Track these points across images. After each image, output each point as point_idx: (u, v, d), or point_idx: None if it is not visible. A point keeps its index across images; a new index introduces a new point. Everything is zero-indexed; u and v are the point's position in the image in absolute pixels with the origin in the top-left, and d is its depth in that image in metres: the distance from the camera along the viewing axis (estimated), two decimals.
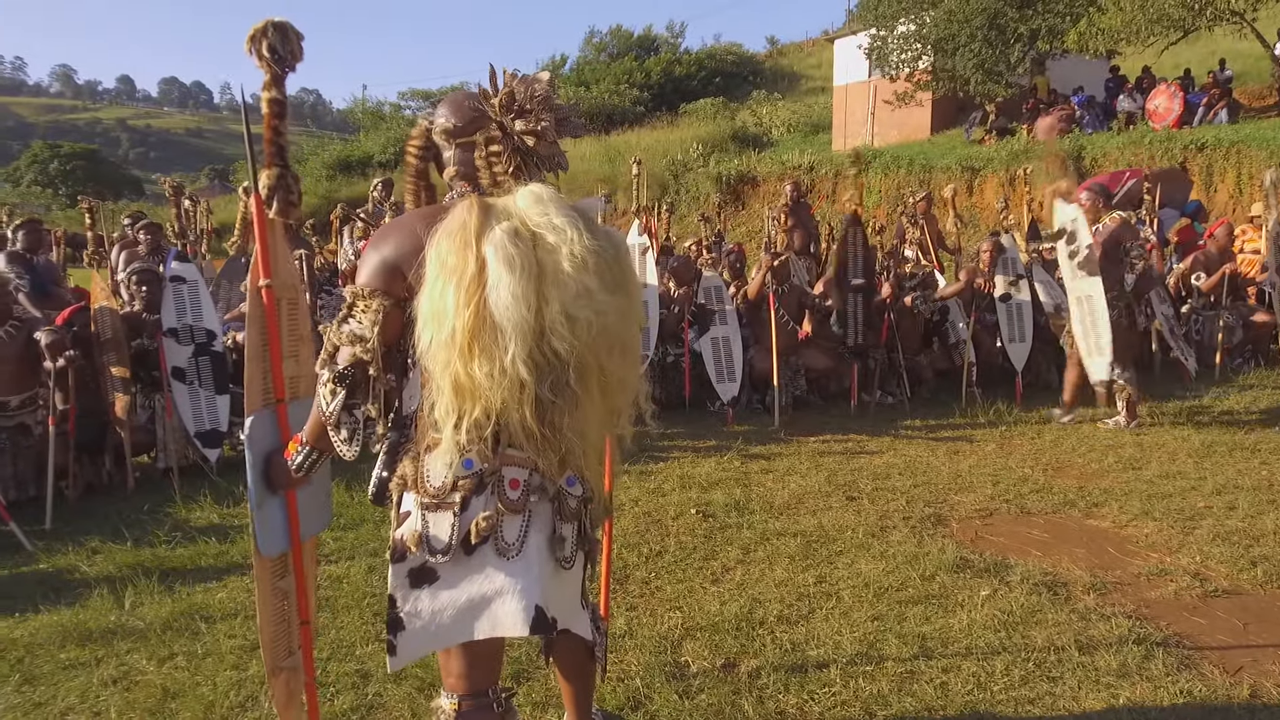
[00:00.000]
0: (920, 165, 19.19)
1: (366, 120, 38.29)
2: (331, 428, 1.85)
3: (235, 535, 4.50)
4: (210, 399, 5.52)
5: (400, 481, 1.87)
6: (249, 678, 3.10)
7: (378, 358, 1.81)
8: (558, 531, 1.90)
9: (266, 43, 2.05)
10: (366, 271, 1.83)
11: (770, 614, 3.45)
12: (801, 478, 5.22)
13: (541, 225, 1.74)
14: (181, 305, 5.50)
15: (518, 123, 1.83)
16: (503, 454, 1.82)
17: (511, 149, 1.84)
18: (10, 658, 3.32)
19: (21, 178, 45.16)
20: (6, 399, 5.06)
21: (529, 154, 1.85)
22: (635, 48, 40.69)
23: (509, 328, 1.67)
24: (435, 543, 1.81)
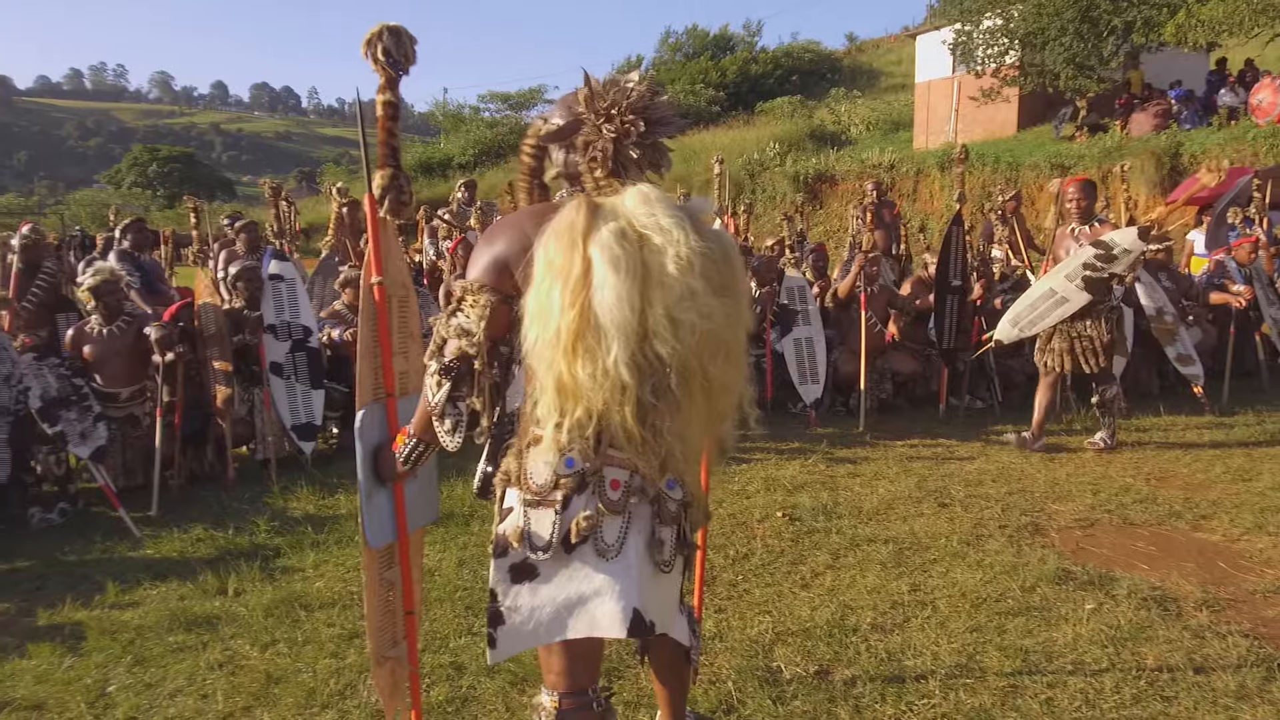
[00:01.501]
0: (1007, 163, 18.66)
1: (447, 123, 39.02)
2: (436, 418, 1.88)
3: (331, 526, 4.63)
4: (305, 393, 5.69)
5: (504, 477, 1.89)
6: (347, 666, 3.18)
7: (483, 352, 1.83)
8: (656, 534, 1.89)
9: (381, 46, 2.08)
10: (477, 267, 1.85)
11: (863, 621, 3.38)
12: (890, 483, 5.11)
13: (648, 226, 1.73)
14: (280, 302, 5.68)
15: (606, 126, 1.82)
16: (604, 454, 1.81)
17: (604, 152, 1.83)
18: (122, 639, 3.47)
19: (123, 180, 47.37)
20: (117, 391, 5.30)
21: (623, 156, 1.84)
22: (711, 47, 40.61)
23: (612, 329, 1.66)
24: (536, 539, 1.81)
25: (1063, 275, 5.55)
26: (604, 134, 1.80)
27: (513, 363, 1.90)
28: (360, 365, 2.22)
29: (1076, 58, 18.47)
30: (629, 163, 1.82)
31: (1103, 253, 5.36)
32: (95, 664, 3.27)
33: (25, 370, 4.90)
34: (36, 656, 3.35)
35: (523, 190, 2.07)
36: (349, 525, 4.61)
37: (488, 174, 28.16)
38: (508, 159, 31.64)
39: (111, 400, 5.26)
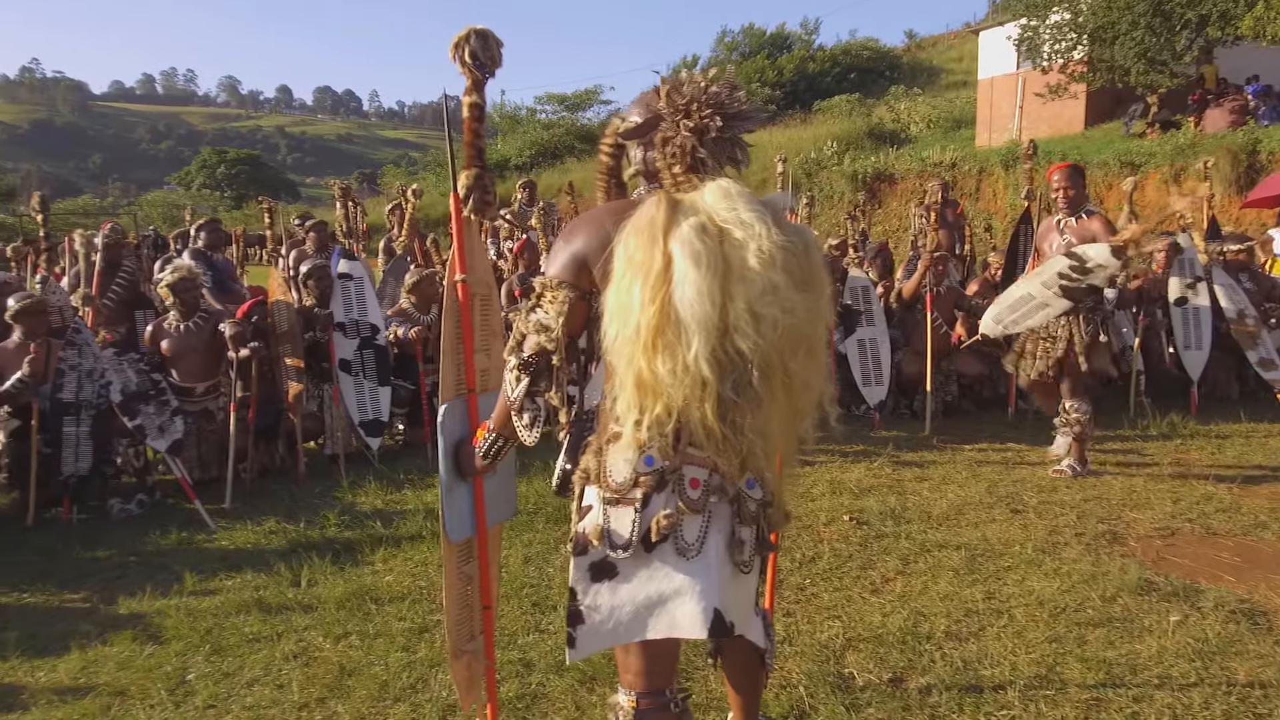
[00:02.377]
0: (1074, 161, 18.17)
1: (504, 124, 39.39)
2: (515, 413, 1.89)
3: (398, 521, 4.69)
4: (373, 390, 5.78)
5: (583, 474, 1.89)
6: (418, 660, 3.21)
7: (561, 347, 1.83)
8: (737, 534, 1.87)
9: (469, 49, 2.08)
10: (555, 264, 1.86)
11: (937, 629, 3.30)
12: (959, 487, 5.00)
13: (729, 220, 1.71)
14: (349, 301, 5.78)
15: (685, 122, 1.81)
16: (683, 452, 1.80)
17: (683, 149, 1.82)
18: (200, 628, 3.55)
19: (192, 181, 48.85)
20: (193, 386, 5.45)
21: (701, 152, 1.83)
22: (767, 46, 40.33)
23: (693, 324, 1.65)
24: (616, 538, 1.81)
25: (1039, 282, 5.01)
26: (683, 130, 1.79)
27: (591, 359, 1.90)
28: (444, 362, 2.24)
29: (1148, 52, 17.89)
30: (707, 158, 1.81)
31: (1076, 264, 4.85)
32: (175, 652, 3.36)
33: (106, 365, 5.06)
34: (118, 644, 3.46)
35: (600, 189, 2.07)
36: (416, 521, 4.67)
37: (544, 175, 28.33)
38: (563, 160, 31.82)
39: (187, 395, 5.41)
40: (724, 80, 1.82)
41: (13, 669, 3.33)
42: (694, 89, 1.80)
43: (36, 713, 3.00)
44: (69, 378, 4.96)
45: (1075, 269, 4.84)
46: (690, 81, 1.81)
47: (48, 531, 4.84)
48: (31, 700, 3.08)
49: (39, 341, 5.00)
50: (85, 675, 3.24)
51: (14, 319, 5.05)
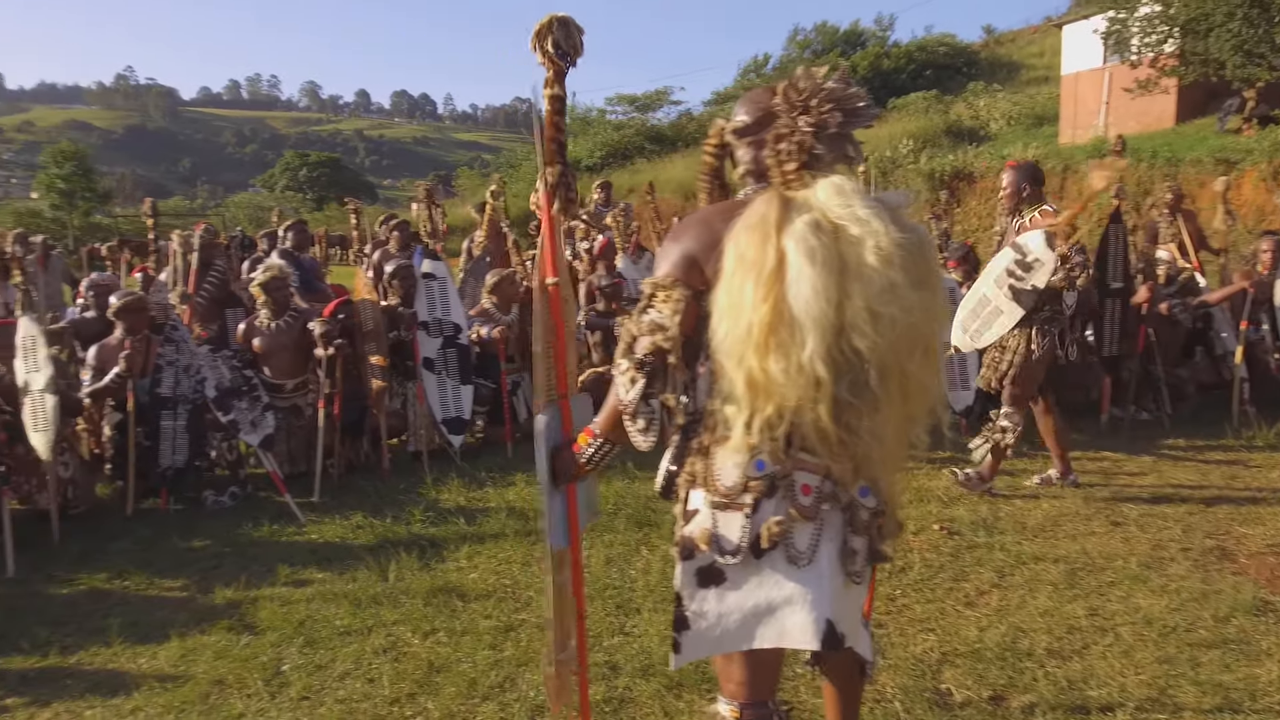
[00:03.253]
0: (1164, 158, 17.44)
1: (575, 126, 39.67)
2: (629, 416, 1.85)
3: (482, 518, 4.73)
4: (455, 388, 5.85)
5: (689, 477, 1.85)
6: (506, 659, 3.22)
7: (678, 346, 1.79)
8: (849, 544, 1.81)
9: (551, 38, 2.02)
10: (667, 263, 1.83)
11: (1038, 646, 3.17)
12: (1054, 497, 4.81)
13: (844, 217, 1.67)
14: (432, 300, 5.86)
15: (803, 119, 1.76)
16: (795, 457, 1.75)
17: (800, 145, 1.77)
18: (293, 619, 3.63)
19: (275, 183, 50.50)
20: (283, 382, 5.59)
21: (816, 149, 1.78)
22: (841, 43, 39.82)
23: (808, 323, 1.61)
24: (725, 543, 1.77)
25: (991, 280, 4.68)
26: (800, 127, 1.74)
27: (699, 360, 1.86)
28: (538, 367, 2.21)
29: (1245, 45, 17.05)
30: (823, 156, 1.76)
31: (1020, 258, 4.51)
32: (269, 643, 3.44)
33: (202, 362, 5.22)
34: (215, 633, 3.55)
35: (704, 190, 2.04)
36: (499, 519, 4.69)
37: (614, 175, 28.43)
38: (633, 160, 31.88)
39: (278, 391, 5.55)
40: (840, 76, 1.77)
41: (115, 655, 3.44)
42: (812, 85, 1.75)
43: (139, 699, 3.10)
44: (167, 373, 5.13)
45: (1019, 263, 4.54)
46: (808, 77, 1.77)
47: (146, 521, 5.01)
48: (134, 686, 3.18)
49: (137, 338, 5.19)
50: (184, 663, 3.34)
51: (115, 315, 5.25)
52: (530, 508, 4.88)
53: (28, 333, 4.73)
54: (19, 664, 3.41)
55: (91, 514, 5.13)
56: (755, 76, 40.85)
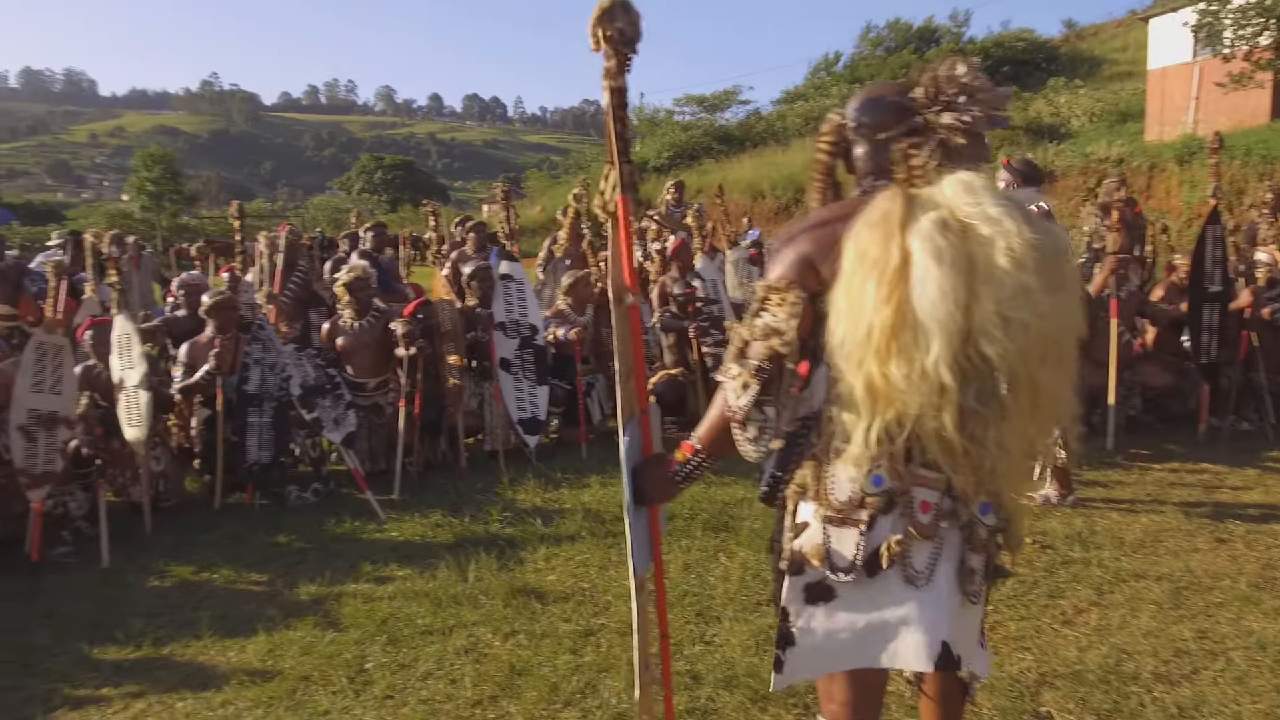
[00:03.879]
0: (1259, 155, 16.64)
1: (642, 127, 39.72)
2: (738, 424, 1.76)
3: (558, 520, 4.72)
4: (531, 389, 5.87)
5: (799, 488, 1.78)
6: (586, 664, 3.19)
7: (795, 351, 1.72)
8: (967, 562, 1.72)
9: (613, 25, 1.83)
10: (782, 265, 1.75)
11: (1143, 669, 3.01)
12: (1153, 511, 4.58)
13: (974, 216, 1.57)
14: (510, 301, 5.89)
15: (945, 116, 1.67)
16: (914, 472, 1.67)
17: (935, 144, 1.68)
18: (376, 617, 3.66)
19: (352, 186, 51.77)
20: (364, 381, 5.68)
21: (951, 148, 1.69)
22: (914, 40, 39.06)
23: (933, 326, 1.51)
24: (838, 560, 1.69)
25: None
26: (944, 124, 1.66)
27: (819, 363, 1.78)
28: (622, 385, 2.12)
29: None
30: (958, 153, 1.67)
31: None
32: (353, 640, 3.47)
33: (287, 360, 5.33)
34: (301, 629, 3.60)
35: (815, 188, 1.95)
36: (575, 521, 4.67)
37: (681, 176, 28.38)
38: (701, 161, 31.75)
39: (359, 389, 5.64)
40: (974, 71, 1.68)
41: (206, 648, 3.52)
42: (952, 80, 1.66)
43: (229, 692, 3.15)
44: (253, 371, 5.25)
45: None
46: (947, 72, 1.68)
47: (233, 515, 5.14)
48: (224, 680, 3.24)
49: (227, 336, 5.33)
50: (271, 658, 3.39)
51: (207, 313, 5.40)
52: (606, 510, 4.86)
53: (123, 330, 4.89)
54: (114, 654, 3.51)
55: (181, 507, 5.28)
56: (825, 75, 40.35)
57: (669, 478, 1.95)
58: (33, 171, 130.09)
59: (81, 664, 3.44)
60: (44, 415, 4.52)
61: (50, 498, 4.55)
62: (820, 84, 38.49)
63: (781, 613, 1.76)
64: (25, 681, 3.32)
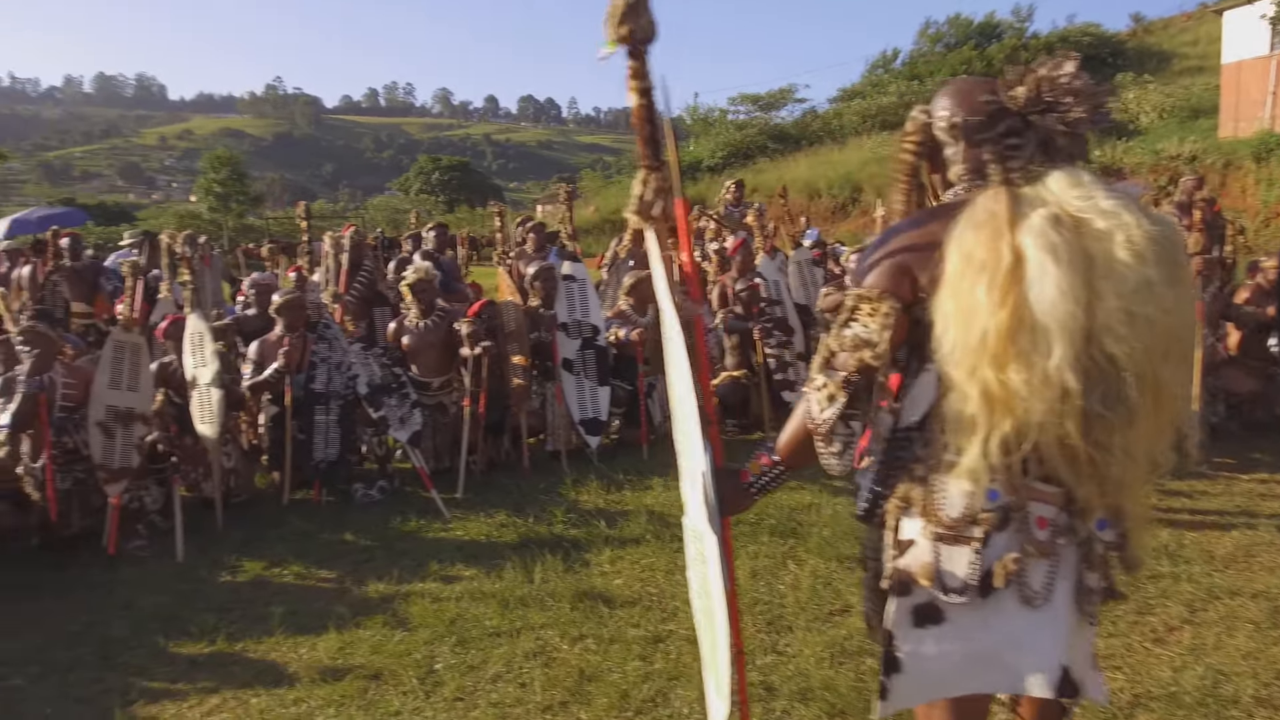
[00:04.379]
0: None
1: (696, 127, 39.60)
2: (822, 437, 1.69)
3: (622, 522, 4.67)
4: (593, 389, 5.85)
5: (901, 503, 1.68)
6: (656, 671, 3.14)
7: (886, 364, 1.65)
8: (1084, 581, 1.63)
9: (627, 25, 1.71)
10: (874, 271, 1.66)
11: (1244, 692, 2.86)
12: (1245, 525, 4.37)
13: (1086, 210, 1.49)
14: (572, 302, 5.88)
15: (1048, 117, 1.58)
16: (1030, 486, 1.58)
17: (1036, 143, 1.59)
18: (444, 617, 3.66)
19: (410, 187, 52.53)
20: (429, 380, 5.72)
21: (1053, 148, 1.60)
22: (975, 36, 38.25)
23: (1054, 327, 1.43)
24: (950, 580, 1.60)
25: None
26: (1043, 124, 1.57)
27: (910, 373, 1.70)
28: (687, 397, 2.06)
29: None
30: (1055, 151, 1.58)
31: None
32: (422, 640, 3.47)
33: (354, 359, 5.38)
34: (370, 627, 3.62)
35: (899, 189, 1.86)
36: (639, 523, 4.62)
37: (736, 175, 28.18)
38: (755, 160, 31.50)
39: (424, 389, 5.67)
40: (1077, 70, 1.59)
41: (278, 644, 3.55)
42: (1053, 79, 1.58)
43: (301, 690, 3.18)
44: (320, 370, 5.32)
45: None
46: (1051, 69, 1.60)
47: (300, 512, 5.21)
48: (296, 677, 3.27)
49: (295, 335, 5.40)
50: (342, 656, 3.41)
51: (276, 312, 5.48)
52: (670, 513, 4.80)
53: (196, 329, 4.99)
54: (189, 648, 3.56)
55: (250, 503, 5.37)
56: (883, 72, 39.75)
57: (743, 489, 1.87)
58: (105, 173, 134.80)
59: (158, 657, 3.50)
60: (121, 412, 4.62)
61: (127, 492, 4.66)
62: (878, 81, 37.92)
63: (886, 636, 1.68)
64: (104, 674, 3.39)
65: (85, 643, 3.63)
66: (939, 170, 1.78)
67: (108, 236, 26.00)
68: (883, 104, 32.90)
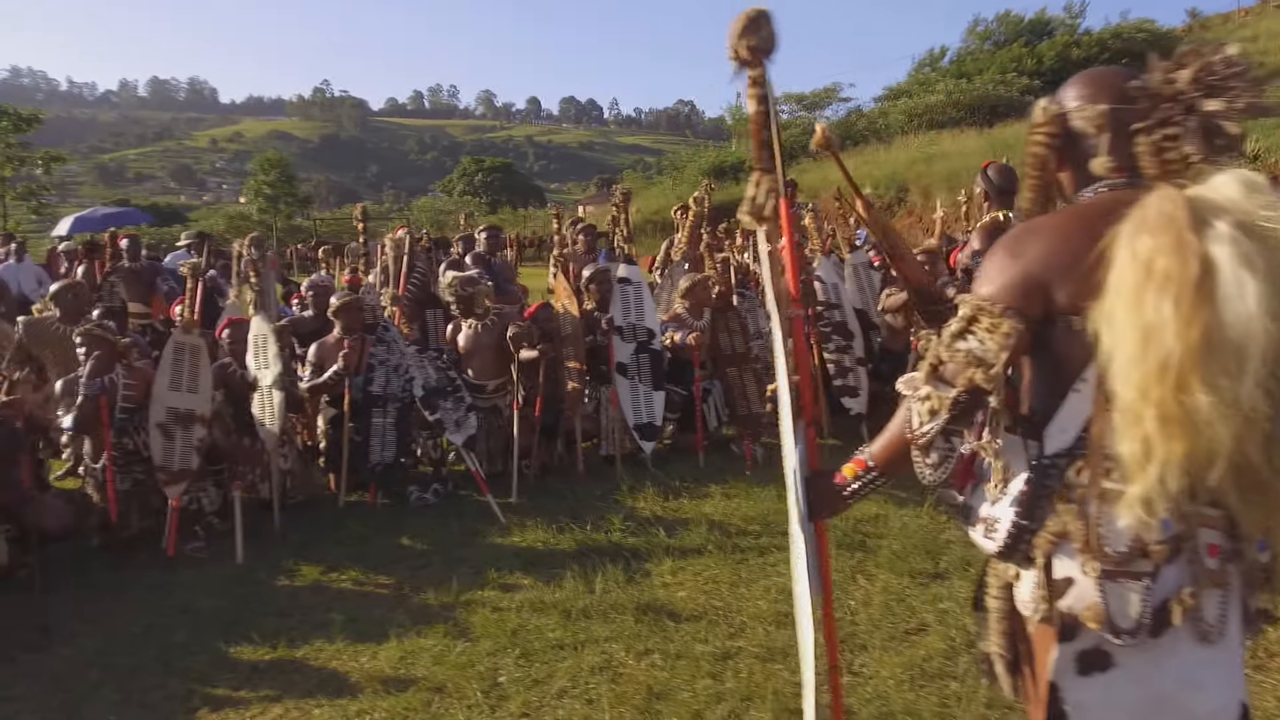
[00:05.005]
0: None
1: (739, 127, 39.41)
2: (919, 449, 1.59)
3: (681, 531, 4.56)
4: (647, 394, 5.75)
5: (1054, 537, 1.52)
6: (728, 691, 3.03)
7: (1000, 386, 1.52)
8: (1249, 606, 1.52)
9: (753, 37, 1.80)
10: (998, 282, 1.52)
11: None
12: None
13: (1271, 218, 1.34)
14: (627, 305, 5.78)
15: (1212, 102, 1.43)
16: (1198, 513, 1.44)
17: (1197, 133, 1.45)
18: (506, 627, 3.57)
19: (453, 188, 53.02)
20: (484, 383, 5.66)
21: (1214, 140, 1.45)
22: (1025, 33, 37.55)
23: (1250, 346, 1.29)
24: (1121, 621, 1.45)
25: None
26: (1206, 109, 1.43)
27: (1058, 392, 1.55)
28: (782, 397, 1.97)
29: None
30: (1219, 145, 1.44)
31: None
32: (485, 651, 3.40)
33: (410, 362, 5.34)
34: (432, 636, 3.55)
35: (1030, 187, 1.72)
36: (699, 533, 4.50)
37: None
38: (799, 160, 31.20)
39: (479, 392, 5.62)
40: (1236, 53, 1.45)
41: (339, 652, 3.49)
42: (1217, 63, 1.44)
43: (364, 701, 3.11)
44: (378, 372, 5.29)
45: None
46: (1213, 52, 1.45)
47: (355, 514, 5.18)
48: (358, 687, 3.21)
49: (354, 337, 5.38)
50: (404, 666, 3.34)
51: (334, 314, 5.47)
52: (730, 522, 4.69)
53: (259, 331, 4.98)
54: (249, 654, 3.52)
55: (305, 505, 5.35)
56: (930, 70, 39.20)
57: (837, 492, 1.79)
58: (158, 175, 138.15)
59: (219, 663, 3.46)
60: (181, 413, 4.62)
61: (185, 494, 4.65)
62: (924, 80, 37.39)
63: (1050, 688, 1.53)
64: (166, 680, 3.35)
65: (146, 646, 3.61)
66: (1070, 166, 1.64)
67: (161, 237, 26.57)
68: (929, 103, 32.45)
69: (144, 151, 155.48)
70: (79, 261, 9.47)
